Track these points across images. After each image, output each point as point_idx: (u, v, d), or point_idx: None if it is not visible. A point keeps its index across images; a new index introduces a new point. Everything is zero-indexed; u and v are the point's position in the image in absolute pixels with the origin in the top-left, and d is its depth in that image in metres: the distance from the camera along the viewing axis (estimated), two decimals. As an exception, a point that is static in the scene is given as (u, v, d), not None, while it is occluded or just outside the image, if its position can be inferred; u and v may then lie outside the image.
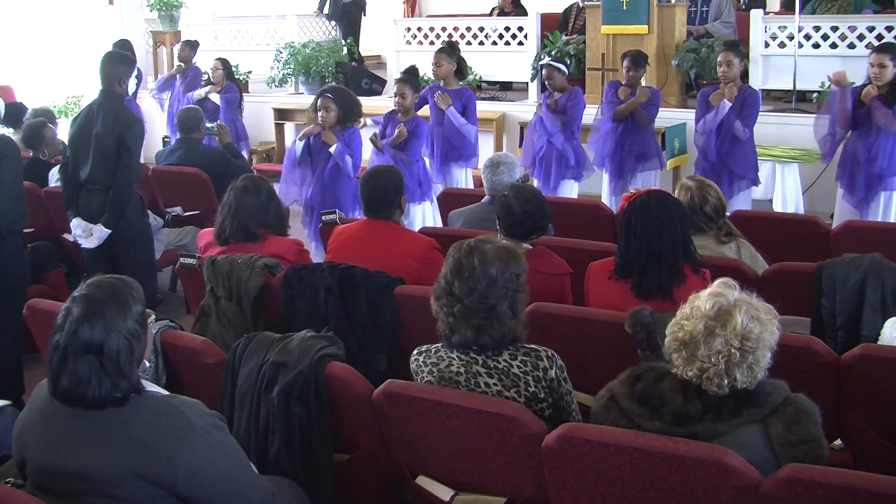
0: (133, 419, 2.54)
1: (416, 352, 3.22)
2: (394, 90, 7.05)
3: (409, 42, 11.60)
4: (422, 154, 7.09)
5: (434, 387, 3.09)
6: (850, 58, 8.92)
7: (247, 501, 2.70)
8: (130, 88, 5.92)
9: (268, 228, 4.65)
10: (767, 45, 9.56)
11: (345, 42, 12.20)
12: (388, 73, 11.58)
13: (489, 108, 10.23)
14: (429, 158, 7.49)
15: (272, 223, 4.69)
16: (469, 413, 2.93)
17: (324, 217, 5.48)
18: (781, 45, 9.47)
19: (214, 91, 9.79)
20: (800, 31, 9.18)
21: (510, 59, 10.96)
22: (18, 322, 4.66)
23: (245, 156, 9.34)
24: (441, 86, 7.63)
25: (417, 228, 6.34)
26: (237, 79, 10.74)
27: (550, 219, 4.38)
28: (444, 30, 11.36)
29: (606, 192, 7.63)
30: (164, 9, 12.66)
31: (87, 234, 5.64)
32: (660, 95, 7.64)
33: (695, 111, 7.11)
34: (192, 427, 2.56)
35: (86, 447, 2.52)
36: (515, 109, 10.30)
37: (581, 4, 11.15)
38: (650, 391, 2.69)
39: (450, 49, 7.78)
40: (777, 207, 8.10)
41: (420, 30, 11.63)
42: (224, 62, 9.98)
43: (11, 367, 5.12)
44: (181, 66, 10.51)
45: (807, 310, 4.11)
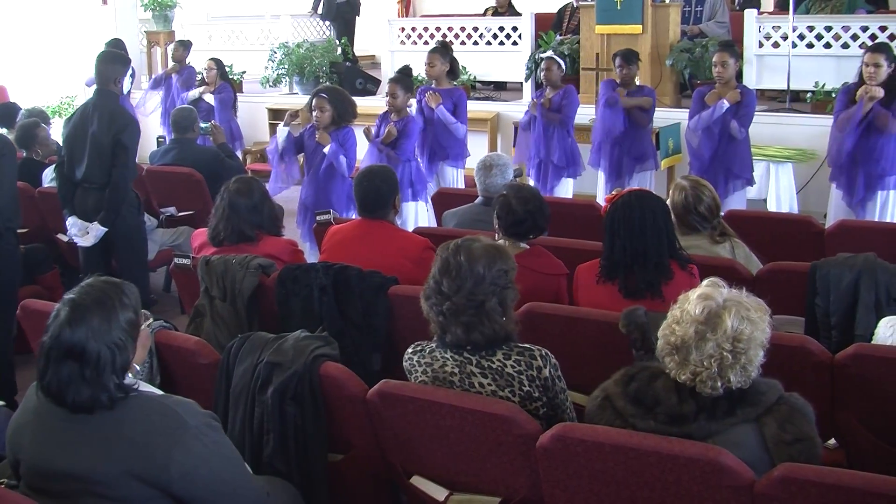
0: (127, 419, 2.54)
1: (411, 350, 3.22)
2: (386, 89, 7.07)
3: (404, 42, 11.59)
4: (415, 154, 7.11)
5: (428, 387, 3.09)
6: (844, 58, 8.93)
7: (241, 502, 2.69)
8: (125, 87, 5.92)
9: (262, 229, 4.65)
10: (761, 45, 9.57)
11: (339, 42, 12.20)
12: (383, 73, 11.57)
13: (483, 108, 10.24)
14: (420, 158, 7.50)
15: (266, 224, 4.68)
16: (464, 413, 2.93)
17: (318, 217, 5.48)
18: (775, 45, 9.48)
19: (208, 91, 9.78)
20: (794, 31, 9.19)
21: (504, 59, 10.95)
22: (10, 321, 4.66)
23: (239, 156, 9.33)
24: (433, 86, 7.65)
25: (411, 228, 6.36)
26: (231, 79, 10.75)
27: (549, 219, 4.38)
28: (439, 30, 11.36)
29: (602, 193, 7.64)
30: (159, 9, 12.65)
31: (83, 233, 5.66)
32: (655, 94, 7.64)
33: (689, 110, 7.11)
34: (187, 427, 2.56)
35: (79, 447, 2.52)
36: (509, 109, 10.29)
37: (575, 4, 11.16)
38: (644, 391, 2.69)
39: (443, 49, 7.81)
40: (771, 207, 8.11)
41: (414, 30, 11.62)
42: (218, 62, 9.98)
43: (4, 367, 5.11)
44: (175, 66, 10.50)
45: (801, 309, 4.12)
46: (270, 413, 3.25)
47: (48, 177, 6.80)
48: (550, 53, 7.96)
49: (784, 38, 9.33)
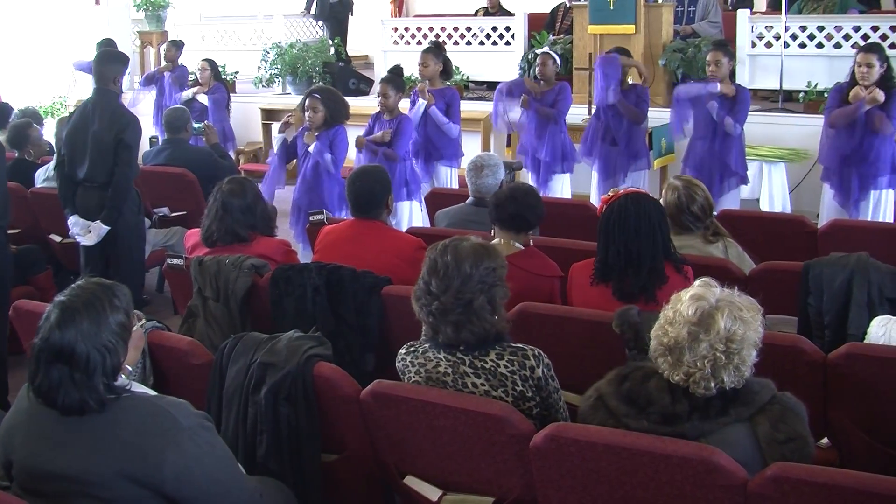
0: (120, 420, 2.53)
1: (404, 350, 3.22)
2: (378, 90, 7.06)
3: (397, 42, 11.59)
4: (409, 153, 7.10)
5: (422, 387, 3.09)
6: (837, 58, 8.95)
7: (234, 502, 2.69)
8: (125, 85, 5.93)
9: (255, 230, 4.65)
10: (754, 45, 9.60)
11: (332, 42, 12.19)
12: (376, 74, 11.54)
13: (477, 108, 10.23)
14: (415, 158, 7.50)
15: (259, 224, 4.68)
16: (457, 413, 2.93)
17: (311, 217, 5.48)
18: (768, 45, 9.50)
19: (202, 92, 9.76)
20: (786, 31, 9.21)
21: (497, 59, 10.96)
22: (3, 322, 4.64)
23: (232, 156, 9.32)
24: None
25: (405, 227, 6.36)
26: (224, 79, 10.72)
27: (542, 216, 4.37)
28: (432, 30, 11.36)
29: (595, 192, 7.64)
30: (151, 9, 12.62)
31: (85, 232, 5.66)
32: (648, 93, 7.63)
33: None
34: (180, 428, 2.55)
35: (72, 448, 2.52)
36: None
37: (568, 4, 11.17)
38: (637, 391, 2.69)
39: (436, 49, 7.80)
40: (764, 207, 8.13)
41: (407, 30, 11.62)
42: (211, 63, 9.95)
43: (-2, 368, 5.10)
44: (167, 66, 10.48)
45: (794, 309, 4.12)
46: (264, 413, 3.25)
47: (41, 177, 6.79)
48: (546, 49, 7.96)
49: (776, 38, 9.35)
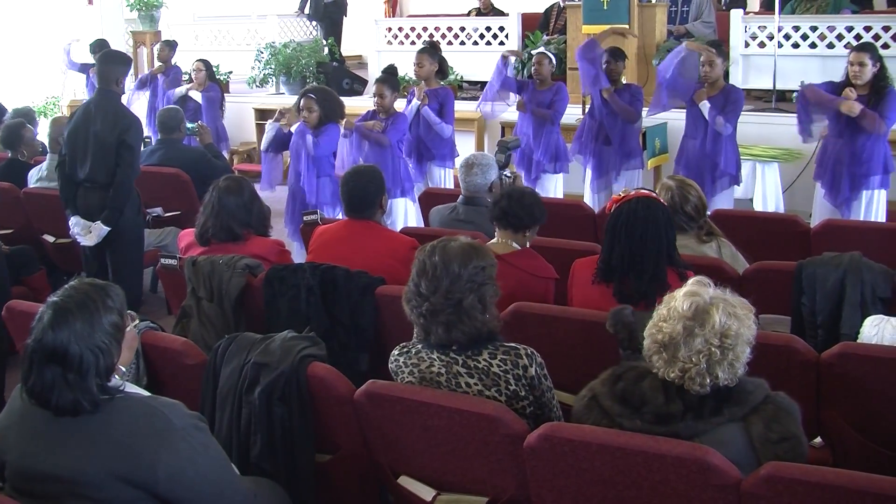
0: (113, 421, 2.53)
1: (397, 352, 3.22)
2: (373, 90, 7.06)
3: (391, 42, 11.59)
4: (403, 150, 7.11)
5: (416, 387, 3.09)
6: (830, 57, 8.97)
7: (228, 503, 2.69)
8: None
9: (250, 229, 4.65)
10: (747, 45, 9.61)
11: (326, 42, 12.19)
12: (370, 73, 11.57)
13: (470, 108, 10.17)
14: (409, 159, 7.50)
15: (255, 223, 4.69)
16: (451, 413, 2.93)
17: (305, 217, 5.48)
18: (761, 45, 9.52)
19: (195, 90, 9.75)
20: (779, 31, 9.22)
21: (491, 59, 10.77)
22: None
23: (226, 156, 9.31)
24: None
25: (399, 226, 6.36)
26: (218, 79, 10.71)
27: (538, 218, 4.36)
28: (426, 30, 11.36)
29: (588, 191, 7.65)
30: (144, 9, 12.61)
31: (86, 232, 5.65)
32: (642, 92, 7.64)
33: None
34: (173, 428, 2.55)
35: (65, 449, 2.51)
36: (496, 109, 10.26)
37: (562, 4, 11.18)
38: (631, 390, 2.70)
39: (431, 49, 7.81)
40: (757, 206, 8.14)
41: (401, 30, 11.62)
42: (206, 63, 9.94)
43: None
44: (161, 67, 10.47)
45: (787, 308, 4.13)
46: (258, 414, 3.24)
47: (34, 177, 6.77)
48: (542, 49, 7.97)
49: (770, 38, 9.37)
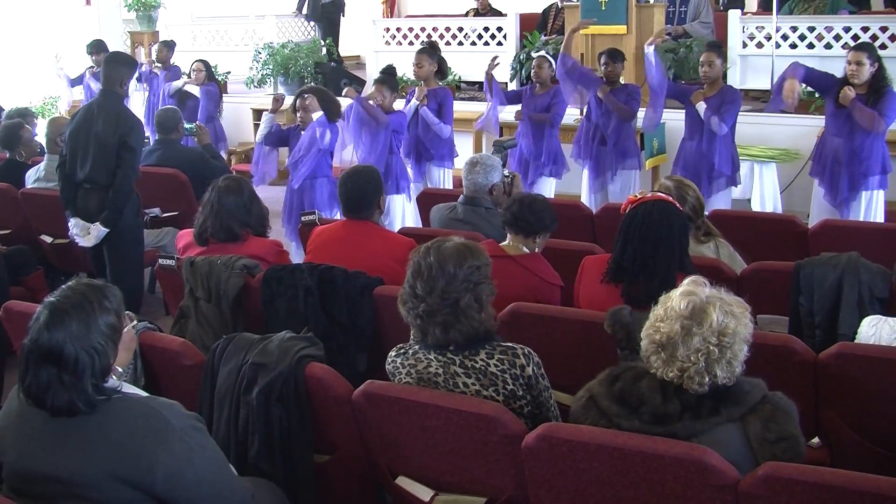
0: (111, 421, 2.52)
1: (394, 353, 3.22)
2: (371, 91, 7.07)
3: (388, 42, 11.59)
4: (399, 149, 7.14)
5: (413, 387, 3.09)
6: (827, 58, 8.96)
7: (226, 503, 2.69)
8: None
9: (249, 229, 4.65)
10: (745, 46, 9.62)
11: (324, 42, 12.19)
12: (368, 74, 11.56)
13: (469, 109, 10.22)
14: (407, 159, 7.51)
15: (254, 223, 4.69)
16: (449, 413, 2.93)
17: (303, 218, 5.48)
18: (759, 46, 9.52)
19: (193, 84, 9.73)
20: (777, 32, 9.23)
21: (489, 60, 10.94)
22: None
23: (224, 156, 9.31)
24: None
25: (397, 224, 6.38)
26: (217, 79, 10.71)
27: (548, 225, 4.35)
28: (423, 30, 11.36)
29: (586, 191, 7.65)
30: (142, 9, 12.60)
31: (85, 233, 5.64)
32: (640, 91, 7.64)
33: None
34: (171, 429, 2.55)
35: (63, 450, 2.51)
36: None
37: (560, 5, 11.17)
38: (629, 391, 2.70)
39: (431, 50, 7.80)
40: (755, 207, 8.14)
41: (399, 30, 11.62)
42: (205, 63, 9.95)
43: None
44: (159, 67, 10.46)
45: (785, 309, 4.13)
46: (255, 414, 3.24)
47: (31, 178, 6.76)
48: (543, 52, 7.98)
49: (767, 39, 9.38)
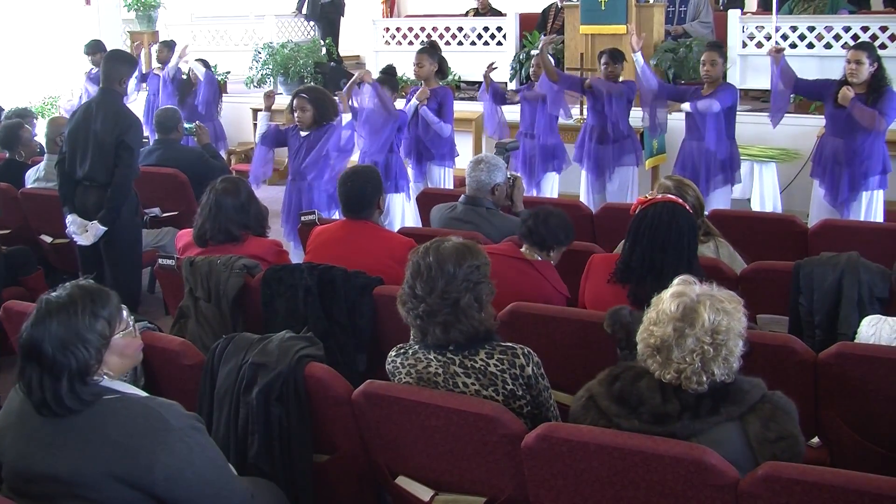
0: (110, 421, 2.52)
1: (394, 353, 3.22)
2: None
3: (388, 42, 11.59)
4: (400, 149, 7.16)
5: (413, 387, 3.09)
6: (827, 58, 8.97)
7: (225, 503, 2.69)
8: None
9: (248, 229, 4.65)
10: (745, 45, 9.61)
11: (323, 42, 12.18)
12: (368, 74, 11.55)
13: (468, 108, 10.23)
14: (408, 159, 7.52)
15: (252, 224, 4.69)
16: (448, 413, 2.93)
17: (303, 217, 5.47)
18: (759, 45, 9.51)
19: (199, 67, 9.75)
20: (777, 32, 9.21)
21: (489, 60, 10.91)
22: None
23: (223, 156, 9.31)
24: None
25: (397, 223, 6.38)
26: (216, 79, 10.71)
27: (562, 241, 4.33)
28: (423, 30, 11.36)
29: (586, 191, 7.65)
30: (142, 9, 12.60)
31: (82, 231, 5.64)
32: (635, 88, 7.63)
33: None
34: (171, 429, 2.55)
35: (62, 450, 2.51)
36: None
37: (560, 5, 11.17)
38: (628, 391, 2.70)
39: (431, 50, 7.81)
40: (755, 206, 8.15)
41: (399, 30, 11.62)
42: (205, 63, 9.95)
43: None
44: (158, 67, 10.47)
45: (784, 308, 4.13)
46: (255, 414, 3.24)
47: (31, 178, 6.77)
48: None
49: (767, 39, 9.36)
